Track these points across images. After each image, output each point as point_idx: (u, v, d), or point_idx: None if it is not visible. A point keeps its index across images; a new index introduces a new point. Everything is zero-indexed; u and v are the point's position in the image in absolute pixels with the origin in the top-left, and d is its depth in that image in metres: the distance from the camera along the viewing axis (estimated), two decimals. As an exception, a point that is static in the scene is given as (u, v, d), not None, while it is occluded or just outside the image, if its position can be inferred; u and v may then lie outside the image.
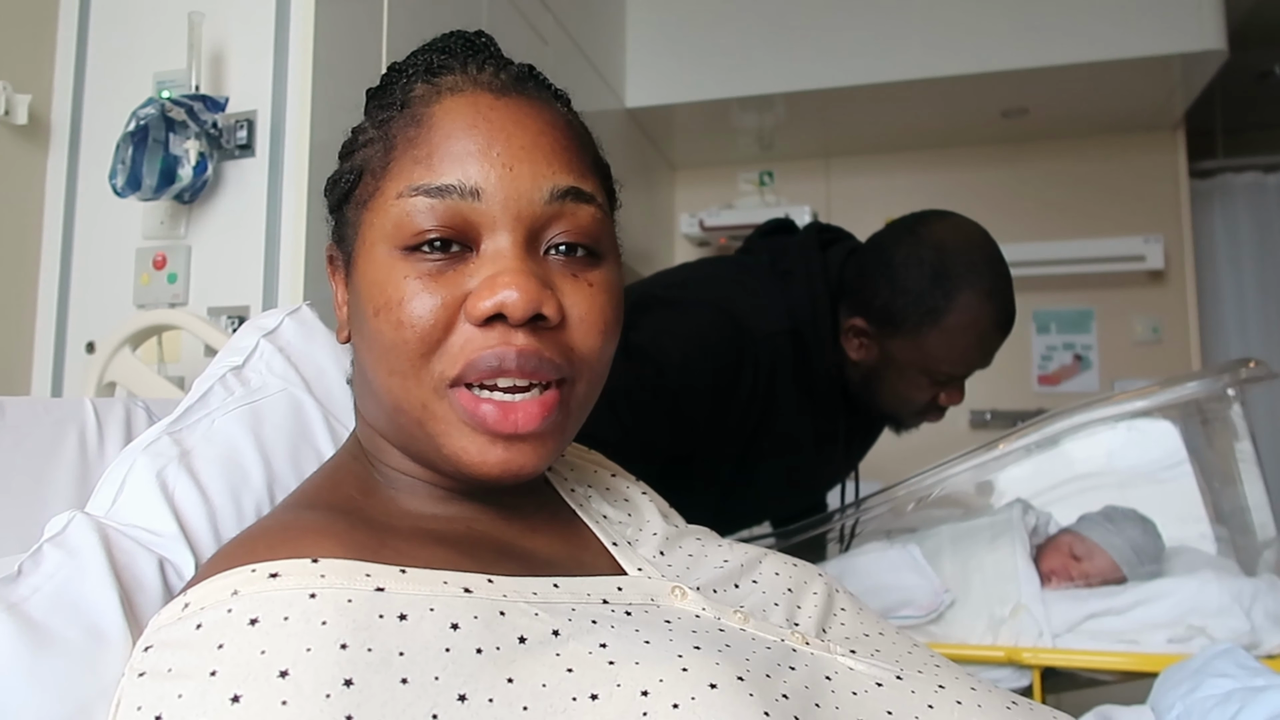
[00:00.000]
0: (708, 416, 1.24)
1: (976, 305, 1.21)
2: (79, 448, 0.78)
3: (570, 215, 0.58)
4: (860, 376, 1.31)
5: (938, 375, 1.25)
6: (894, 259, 1.25)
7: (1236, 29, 3.08)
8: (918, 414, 1.33)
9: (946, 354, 1.22)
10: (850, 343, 1.29)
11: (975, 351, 1.24)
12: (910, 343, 1.23)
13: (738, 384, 1.25)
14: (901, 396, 1.29)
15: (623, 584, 0.60)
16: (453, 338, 0.55)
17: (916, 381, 1.26)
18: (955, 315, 1.20)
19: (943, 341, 1.21)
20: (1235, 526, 1.46)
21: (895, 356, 1.25)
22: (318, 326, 0.89)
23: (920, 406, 1.30)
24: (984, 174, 3.64)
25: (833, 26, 2.98)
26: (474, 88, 0.59)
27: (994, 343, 1.26)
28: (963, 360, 1.24)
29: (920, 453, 1.67)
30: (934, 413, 1.33)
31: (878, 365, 1.28)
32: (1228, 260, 3.73)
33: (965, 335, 1.22)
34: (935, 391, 1.28)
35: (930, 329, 1.21)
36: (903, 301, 1.22)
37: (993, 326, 1.23)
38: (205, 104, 1.37)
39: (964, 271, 1.22)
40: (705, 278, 1.39)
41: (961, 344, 1.22)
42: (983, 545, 1.39)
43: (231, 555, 0.51)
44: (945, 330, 1.21)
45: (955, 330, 1.20)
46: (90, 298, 1.50)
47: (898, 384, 1.28)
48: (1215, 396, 1.40)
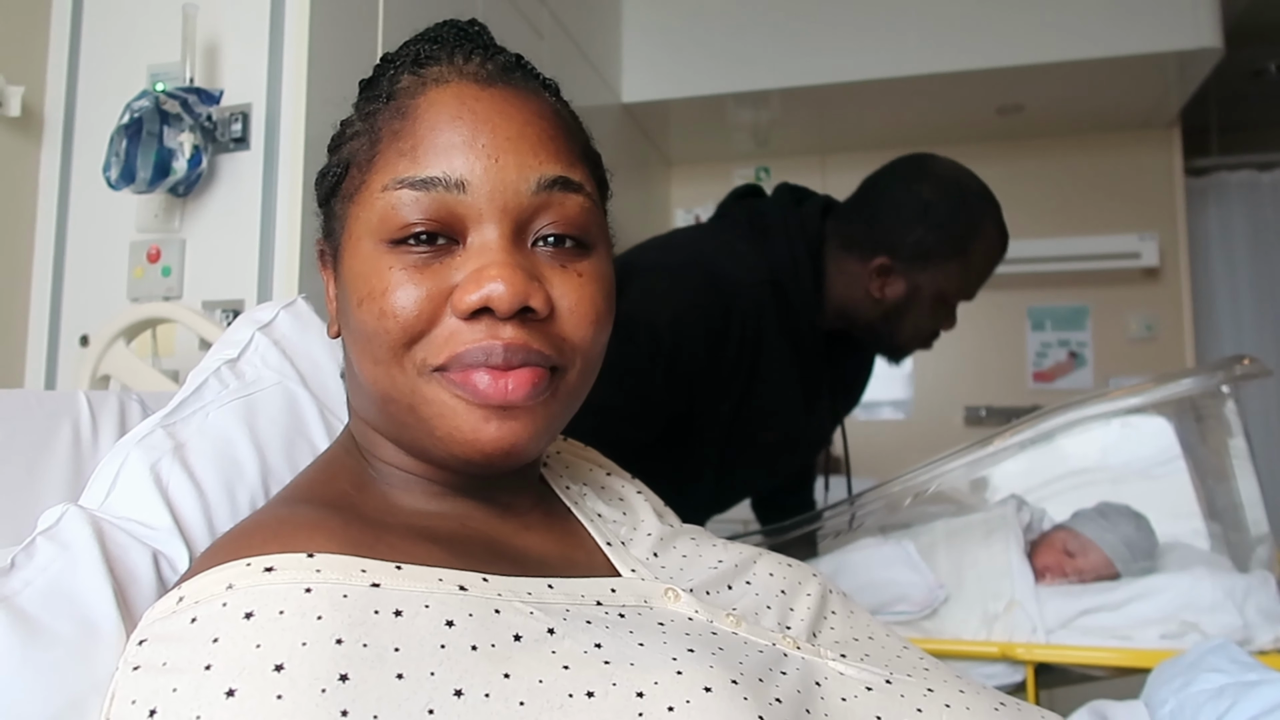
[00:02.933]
0: (703, 371, 1.28)
1: (993, 232, 1.34)
2: (72, 441, 0.78)
3: (558, 205, 0.57)
4: (881, 314, 1.36)
5: (953, 301, 1.34)
6: (924, 197, 1.33)
7: (1232, 26, 3.08)
8: (920, 343, 1.41)
9: (965, 280, 1.33)
10: (874, 283, 1.34)
11: (986, 275, 1.36)
12: (939, 273, 1.31)
13: (727, 337, 1.29)
14: (920, 327, 1.37)
15: (616, 585, 0.60)
16: (437, 329, 0.55)
17: (936, 311, 1.34)
18: (979, 243, 1.32)
19: (966, 268, 1.32)
20: (1228, 523, 1.46)
21: (922, 288, 1.32)
22: (313, 320, 0.89)
23: (933, 332, 1.38)
24: (979, 171, 3.59)
25: (829, 23, 2.98)
26: (459, 78, 0.59)
27: (997, 264, 1.38)
28: (977, 283, 1.35)
29: (915, 449, 1.68)
30: (929, 343, 1.42)
31: (903, 300, 1.34)
32: (1222, 258, 3.74)
33: (983, 260, 1.34)
34: (946, 321, 1.38)
35: (958, 258, 1.31)
36: (935, 236, 1.30)
37: (1000, 250, 1.36)
38: (200, 97, 1.36)
39: (979, 202, 1.34)
40: (685, 241, 1.45)
41: (980, 268, 1.34)
42: (977, 541, 1.40)
43: (226, 549, 0.51)
44: (970, 257, 1.31)
45: (977, 256, 1.32)
46: (84, 291, 1.49)
47: (921, 315, 1.35)
48: (1209, 393, 1.40)
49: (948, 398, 3.59)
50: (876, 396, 3.70)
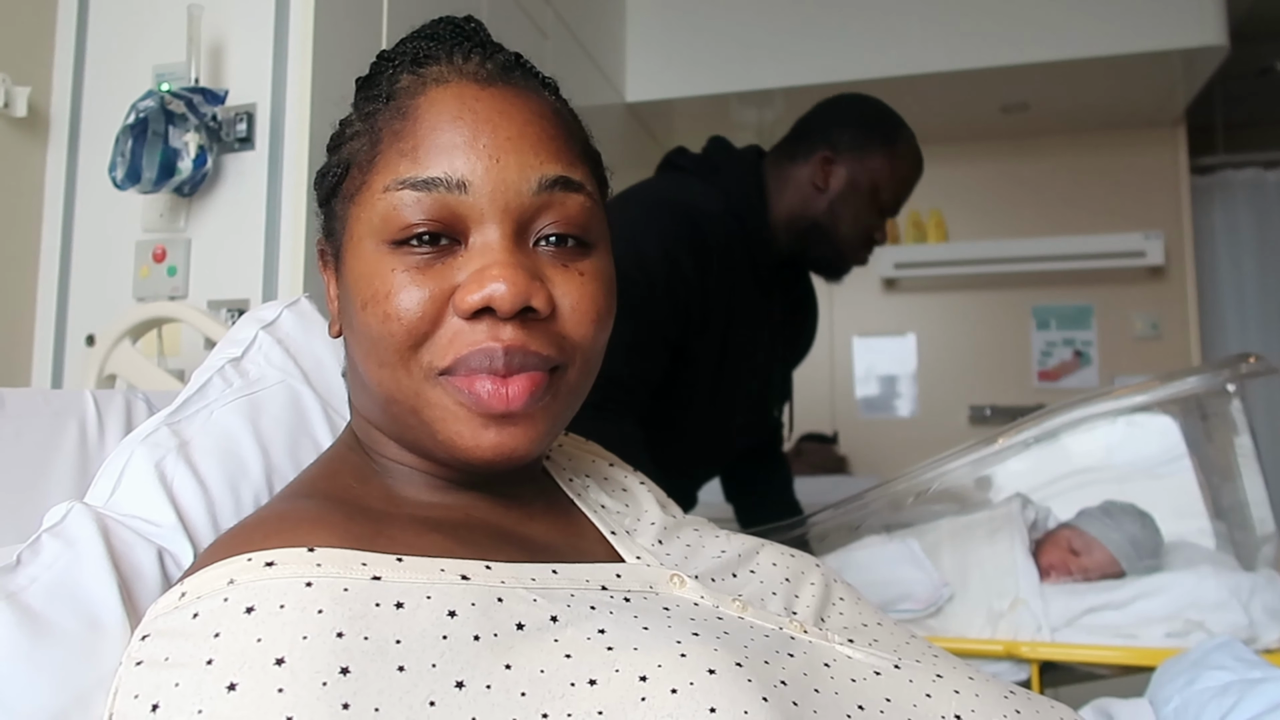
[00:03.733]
0: (695, 298, 1.38)
1: (911, 140, 1.51)
2: (79, 439, 0.78)
3: (559, 205, 0.57)
4: (827, 206, 1.49)
5: (885, 197, 1.49)
6: (854, 103, 1.57)
7: (1238, 24, 3.08)
8: (859, 248, 1.53)
9: (892, 176, 1.48)
10: (819, 175, 1.49)
11: (908, 182, 1.51)
12: (873, 163, 1.48)
13: (710, 264, 1.40)
14: (858, 220, 1.49)
15: (621, 571, 0.60)
16: (441, 330, 0.55)
17: (871, 204, 1.48)
18: (901, 145, 1.49)
19: (893, 165, 1.48)
20: (1234, 522, 1.46)
21: (859, 179, 1.48)
22: (316, 319, 0.89)
23: (869, 231, 1.51)
24: (984, 169, 3.64)
25: (832, 21, 2.98)
26: (459, 78, 0.59)
27: (915, 181, 1.53)
28: (902, 186, 1.50)
29: (919, 448, 1.68)
30: (866, 251, 1.54)
31: (844, 190, 1.48)
32: (1228, 256, 3.73)
33: (905, 163, 1.50)
34: (880, 223, 1.52)
35: (887, 151, 1.48)
36: (866, 131, 1.49)
37: (918, 163, 1.52)
38: (205, 97, 1.37)
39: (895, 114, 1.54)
40: (643, 188, 1.55)
41: (903, 170, 1.50)
42: (982, 540, 1.39)
43: (228, 544, 0.51)
44: (895, 155, 1.48)
45: (899, 157, 1.49)
46: (90, 290, 1.49)
47: (860, 208, 1.49)
48: (1215, 392, 1.40)
49: (952, 397, 3.59)
50: (881, 395, 3.70)
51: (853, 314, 3.76)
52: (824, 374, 3.74)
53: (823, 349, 3.76)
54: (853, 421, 3.68)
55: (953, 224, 3.65)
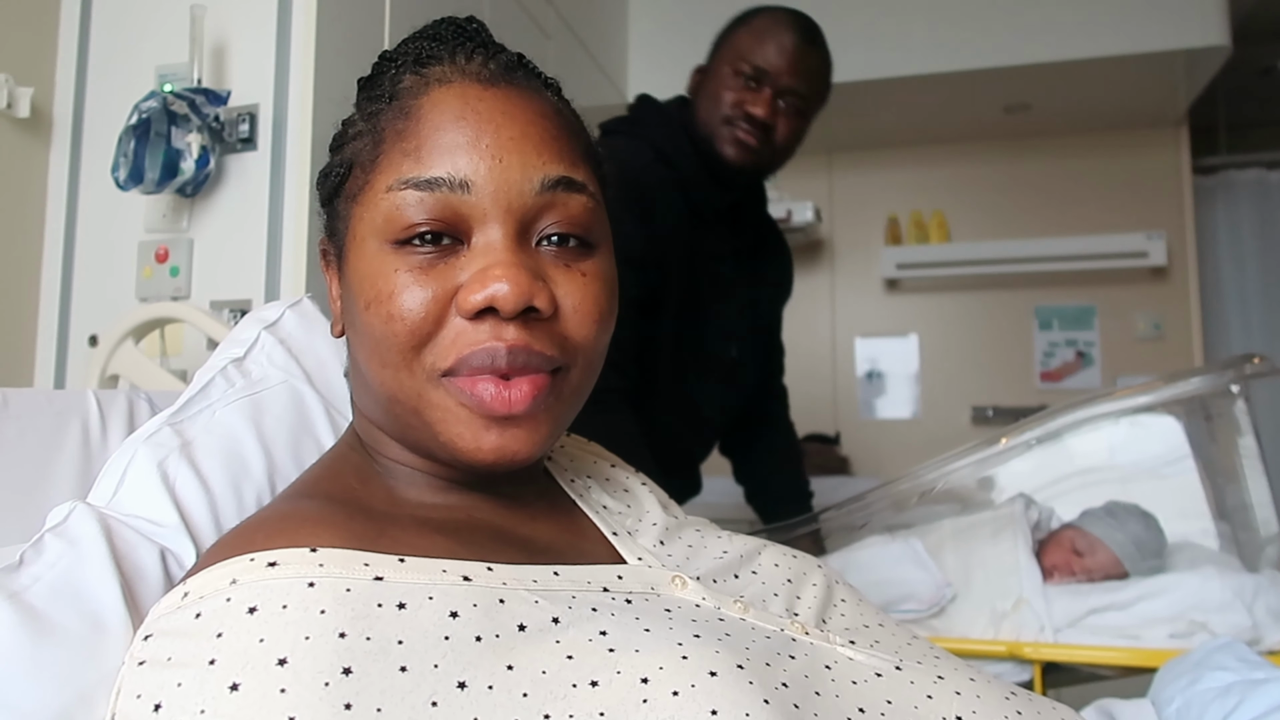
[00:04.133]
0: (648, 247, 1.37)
1: (781, 12, 1.49)
2: (82, 439, 0.78)
3: (562, 205, 0.58)
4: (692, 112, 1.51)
5: (742, 66, 1.44)
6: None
7: (1240, 25, 3.07)
8: (726, 117, 1.45)
9: (749, 44, 1.45)
10: (691, 85, 1.54)
11: (776, 45, 1.44)
12: (725, 50, 1.49)
13: (650, 209, 1.39)
14: (713, 95, 1.46)
15: (623, 572, 0.60)
16: (444, 331, 0.55)
17: (727, 80, 1.45)
18: (761, 18, 1.48)
19: (747, 36, 1.46)
20: (1238, 523, 1.46)
21: (715, 69, 1.49)
22: (318, 319, 0.89)
23: (729, 105, 1.44)
24: (986, 170, 3.64)
25: (834, 21, 2.95)
26: (462, 78, 0.59)
27: (799, 46, 1.46)
28: (762, 50, 1.44)
29: (922, 448, 1.67)
30: (743, 124, 1.44)
31: (705, 79, 1.51)
32: (1230, 257, 3.72)
33: (767, 28, 1.46)
34: (743, 94, 1.44)
35: (739, 28, 1.49)
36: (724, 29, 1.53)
37: (796, 30, 1.47)
38: (207, 97, 1.37)
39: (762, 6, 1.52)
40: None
41: (763, 35, 1.45)
42: (985, 540, 1.39)
43: (231, 545, 0.51)
44: (750, 26, 1.47)
45: (758, 25, 1.47)
46: (92, 291, 1.50)
47: (712, 85, 1.47)
48: (1219, 392, 1.40)
49: (955, 397, 3.59)
50: (883, 396, 3.70)
51: (855, 314, 3.76)
52: (826, 374, 3.74)
53: (825, 349, 3.76)
54: (855, 422, 3.68)
55: (955, 224, 3.64)
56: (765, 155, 1.47)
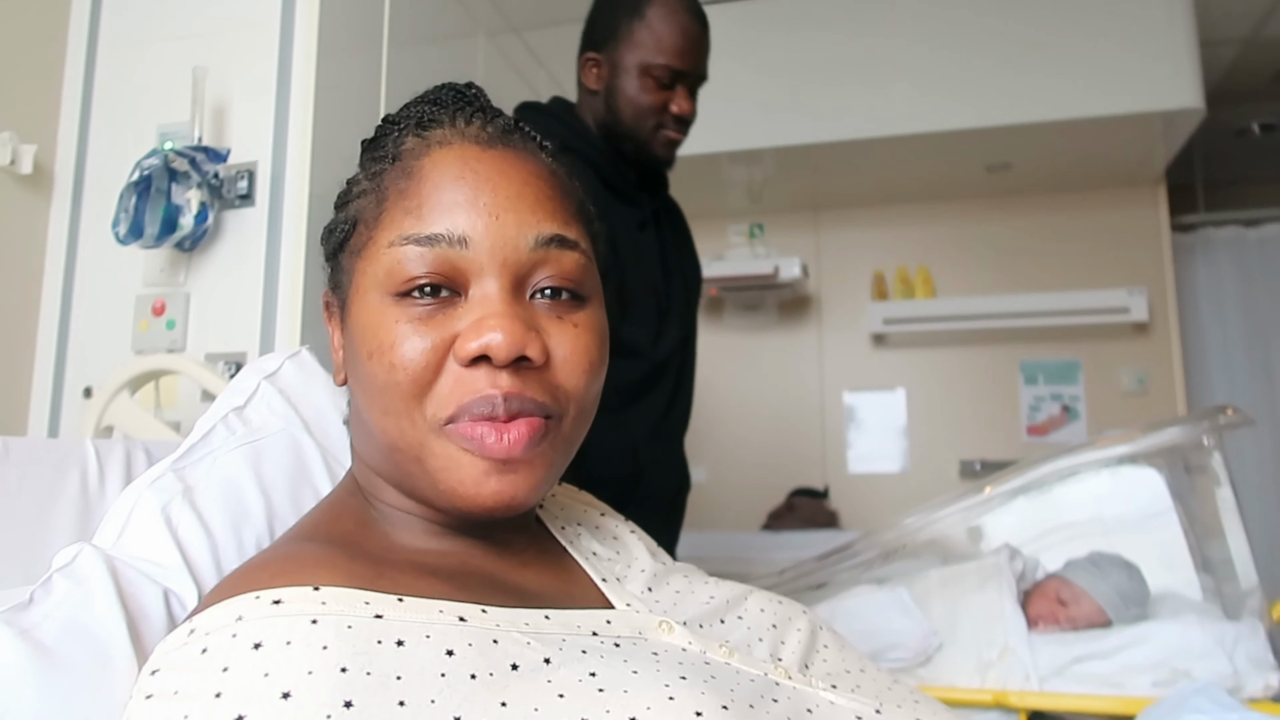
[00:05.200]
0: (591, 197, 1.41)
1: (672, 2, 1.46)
2: (80, 486, 0.80)
3: (555, 261, 0.61)
4: (604, 104, 1.50)
5: (655, 69, 1.44)
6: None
7: (1213, 88, 3.16)
8: (656, 125, 1.48)
9: (656, 40, 1.44)
10: (589, 76, 1.52)
11: (681, 38, 1.45)
12: (628, 42, 1.46)
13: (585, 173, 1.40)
14: (633, 101, 1.47)
15: (611, 617, 0.62)
16: (442, 379, 0.57)
17: (642, 82, 1.46)
18: (654, 7, 1.45)
19: (650, 29, 1.44)
20: (1221, 575, 1.48)
21: (620, 62, 1.47)
22: (316, 369, 0.92)
23: (654, 113, 1.47)
24: (970, 227, 3.71)
25: (821, 83, 3.06)
26: (462, 140, 0.62)
27: (694, 31, 1.47)
28: (671, 47, 1.44)
29: (910, 502, 1.69)
30: (672, 125, 1.49)
31: (611, 80, 1.49)
32: (1211, 312, 3.78)
33: (666, 22, 1.44)
34: (663, 96, 1.46)
35: (637, 21, 1.45)
36: (610, 14, 1.49)
37: (688, 14, 1.46)
38: (208, 155, 1.40)
39: None
40: None
41: (663, 30, 1.44)
42: (971, 589, 1.41)
43: (236, 583, 0.53)
44: (648, 21, 1.45)
45: (656, 19, 1.44)
46: (89, 343, 1.51)
47: (627, 89, 1.47)
48: (1194, 444, 1.42)
49: (943, 451, 3.61)
50: (872, 450, 3.71)
51: (842, 368, 3.79)
52: (815, 428, 3.76)
53: (813, 403, 3.78)
54: (844, 476, 3.69)
55: (940, 280, 3.70)
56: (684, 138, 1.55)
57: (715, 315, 3.90)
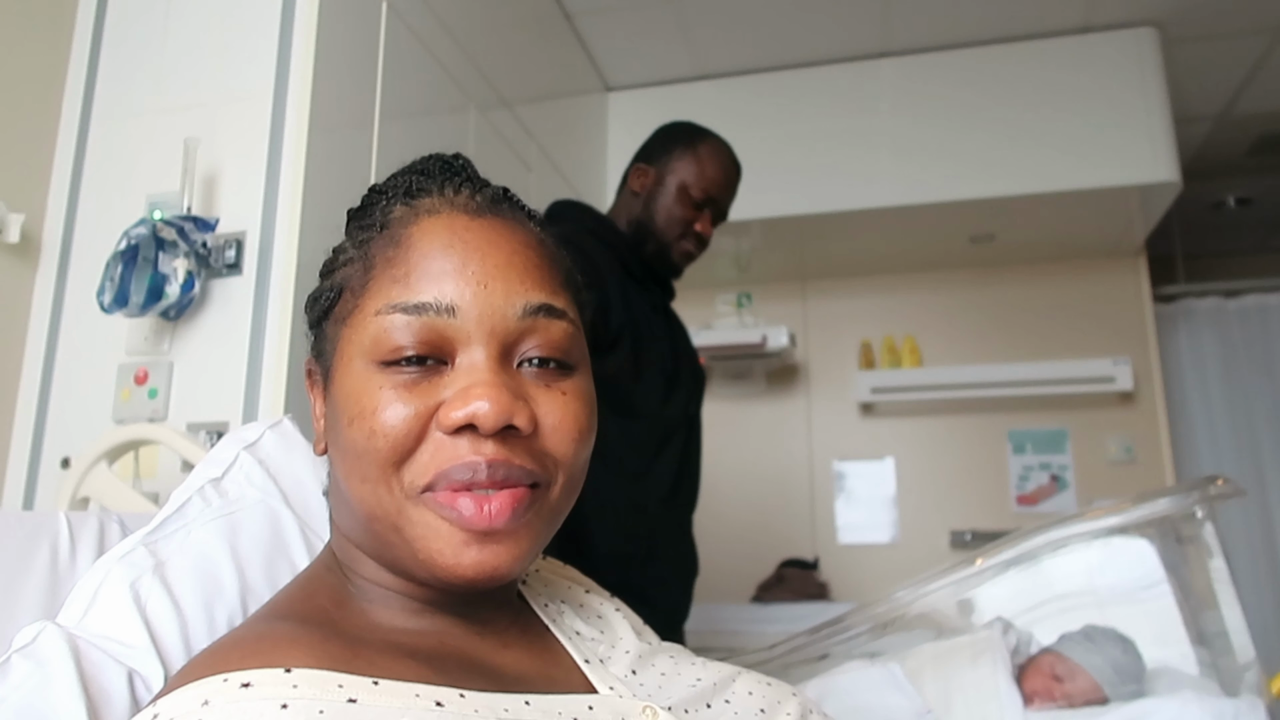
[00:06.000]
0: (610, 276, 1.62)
1: (719, 143, 1.79)
2: (50, 560, 0.78)
3: (543, 330, 0.60)
4: (641, 205, 1.76)
5: (693, 189, 1.72)
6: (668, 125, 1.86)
7: (1189, 163, 3.23)
8: (680, 235, 1.74)
9: (696, 170, 1.73)
10: (636, 180, 1.78)
11: (719, 175, 1.76)
12: (677, 163, 1.75)
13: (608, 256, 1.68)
14: (668, 210, 1.73)
15: (594, 703, 0.60)
16: (424, 446, 0.56)
17: (680, 197, 1.72)
18: (701, 145, 1.77)
19: (697, 160, 1.74)
20: (1216, 648, 1.45)
21: (665, 176, 1.75)
22: (298, 439, 0.90)
23: (682, 224, 1.73)
24: (955, 297, 3.74)
25: (807, 156, 3.11)
26: (450, 209, 0.62)
27: (731, 175, 1.79)
28: (710, 178, 1.74)
29: (901, 572, 1.67)
30: (693, 239, 1.76)
31: (652, 186, 1.76)
32: (1195, 381, 3.81)
33: (708, 159, 1.75)
34: (692, 214, 1.73)
35: (689, 151, 1.76)
36: (671, 138, 1.80)
37: (729, 161, 1.79)
38: (196, 224, 1.40)
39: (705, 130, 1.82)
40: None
41: (706, 164, 1.74)
42: (964, 664, 1.38)
43: (203, 665, 0.51)
44: (698, 151, 1.75)
45: (704, 155, 1.75)
46: (69, 412, 1.49)
47: (668, 199, 1.73)
48: (1186, 514, 1.41)
49: (932, 521, 3.58)
50: (861, 520, 3.68)
51: (831, 438, 3.78)
52: (804, 498, 3.74)
53: (802, 473, 3.76)
54: (833, 547, 3.65)
55: (927, 349, 3.72)
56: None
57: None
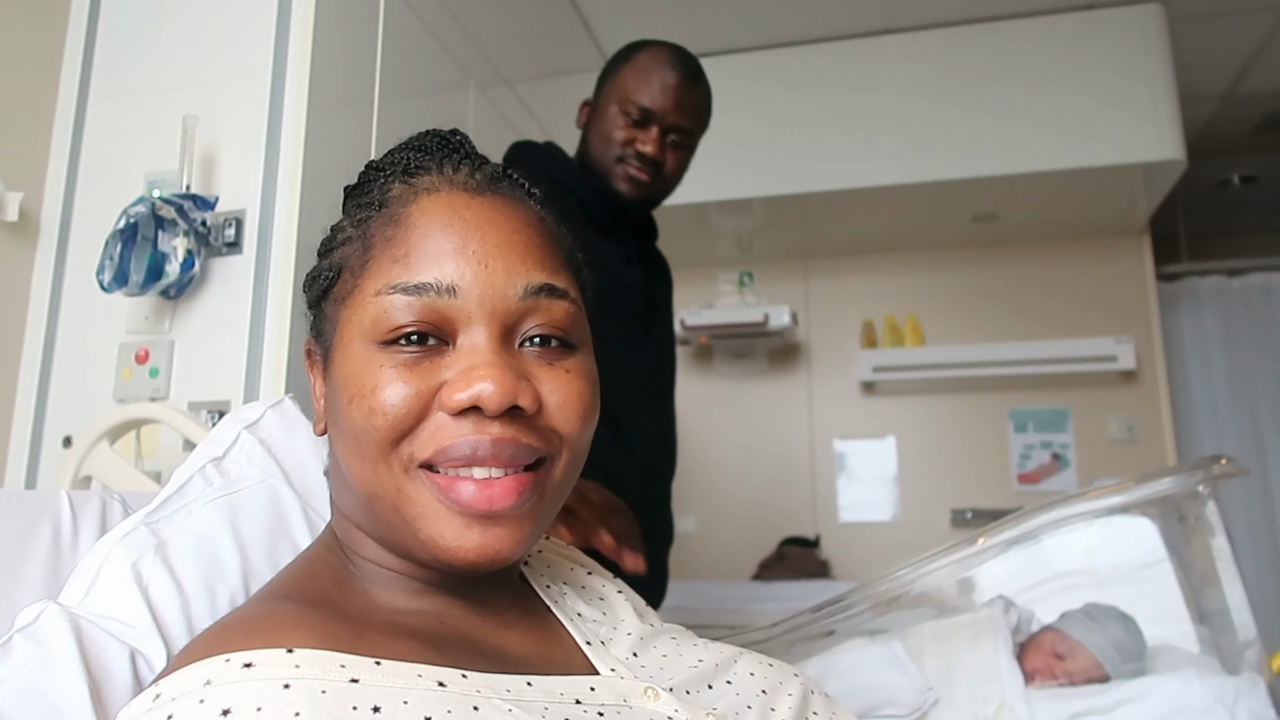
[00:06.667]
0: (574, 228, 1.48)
1: (661, 49, 1.55)
2: (52, 540, 0.77)
3: (544, 310, 0.59)
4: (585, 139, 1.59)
5: (627, 105, 1.51)
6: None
7: (1194, 141, 3.21)
8: (619, 158, 1.53)
9: (635, 83, 1.51)
10: (580, 118, 1.63)
11: (659, 84, 1.51)
12: (611, 85, 1.55)
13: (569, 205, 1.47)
14: (603, 134, 1.54)
15: (595, 684, 0.60)
16: (424, 425, 0.56)
17: (614, 118, 1.52)
18: (643, 54, 1.54)
19: (632, 74, 1.53)
20: (1217, 626, 1.45)
21: (602, 103, 1.56)
22: (299, 419, 0.90)
23: (620, 145, 1.52)
24: (957, 276, 3.73)
25: (810, 134, 3.09)
26: (450, 187, 0.61)
27: (680, 83, 1.52)
28: (645, 88, 1.51)
29: (902, 551, 1.67)
30: (634, 161, 1.52)
31: (593, 115, 1.58)
32: (1198, 361, 3.80)
33: (651, 69, 1.52)
34: (631, 133, 1.52)
35: (623, 66, 1.55)
36: (608, 65, 1.59)
37: (676, 68, 1.52)
38: (195, 203, 1.39)
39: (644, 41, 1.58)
40: None
41: (647, 75, 1.51)
42: (965, 643, 1.38)
43: (205, 645, 0.50)
44: (635, 65, 1.53)
45: (641, 64, 1.53)
46: (70, 392, 1.49)
47: (601, 123, 1.55)
48: (1189, 494, 1.41)
49: (933, 500, 3.59)
50: (862, 498, 3.69)
51: (833, 416, 3.78)
52: (805, 477, 3.74)
53: (803, 452, 3.77)
54: (834, 525, 3.67)
55: (929, 328, 3.71)
56: (656, 188, 1.57)
57: (705, 363, 3.90)
